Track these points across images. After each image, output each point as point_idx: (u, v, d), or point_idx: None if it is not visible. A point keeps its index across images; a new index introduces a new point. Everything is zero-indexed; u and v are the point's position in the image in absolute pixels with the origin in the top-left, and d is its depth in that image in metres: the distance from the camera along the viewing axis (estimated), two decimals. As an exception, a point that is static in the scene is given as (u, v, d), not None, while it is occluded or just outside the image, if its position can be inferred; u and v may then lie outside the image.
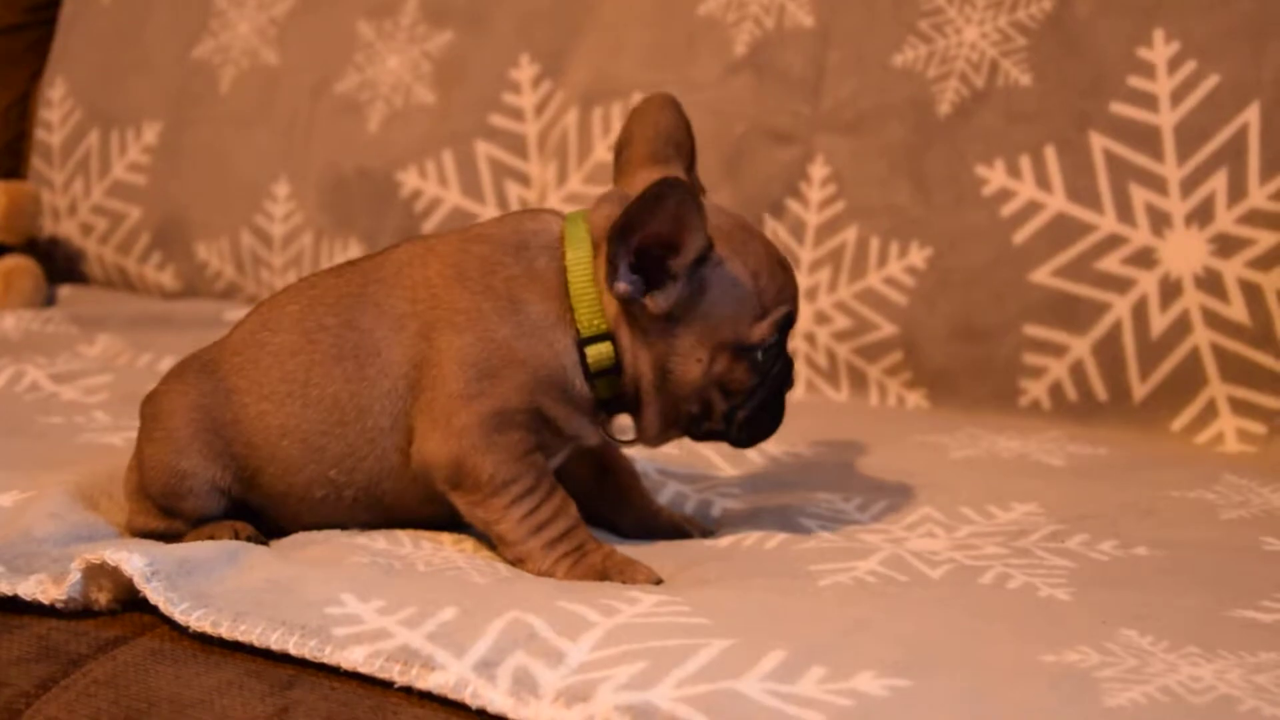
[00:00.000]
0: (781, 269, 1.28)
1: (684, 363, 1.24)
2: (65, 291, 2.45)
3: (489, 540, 1.29)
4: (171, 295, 2.43)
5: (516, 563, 1.25)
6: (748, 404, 1.28)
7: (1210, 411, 1.72)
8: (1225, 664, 1.02)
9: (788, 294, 1.28)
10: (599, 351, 1.25)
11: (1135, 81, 1.78)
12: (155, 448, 1.29)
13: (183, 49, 2.48)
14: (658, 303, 1.23)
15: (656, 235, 1.20)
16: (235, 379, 1.30)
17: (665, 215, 1.19)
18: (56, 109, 2.56)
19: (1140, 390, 1.75)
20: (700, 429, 1.30)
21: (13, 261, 2.38)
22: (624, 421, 1.35)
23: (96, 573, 1.13)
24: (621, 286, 1.22)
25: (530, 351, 1.24)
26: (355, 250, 2.25)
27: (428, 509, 1.29)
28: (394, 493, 1.29)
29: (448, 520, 1.30)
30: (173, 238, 2.42)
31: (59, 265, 2.52)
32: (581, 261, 1.26)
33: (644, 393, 1.27)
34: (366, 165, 2.27)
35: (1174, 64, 1.77)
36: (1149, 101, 1.77)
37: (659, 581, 1.22)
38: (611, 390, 1.28)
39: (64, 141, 2.54)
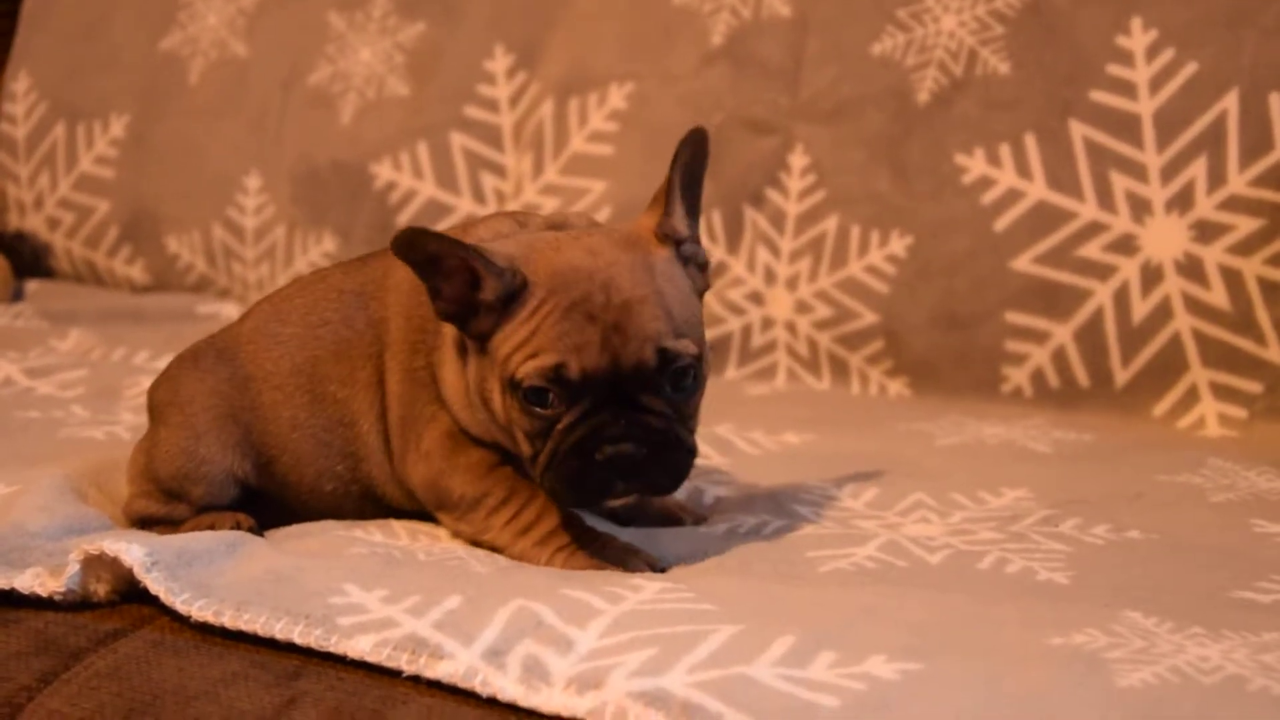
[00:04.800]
0: (582, 321, 1.14)
1: (489, 392, 1.20)
2: (33, 286, 2.42)
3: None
4: (141, 289, 2.41)
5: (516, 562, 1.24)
6: (542, 452, 1.17)
7: (1192, 396, 1.73)
8: (1231, 644, 1.02)
9: (566, 345, 1.14)
10: None
11: (1114, 69, 1.79)
12: (172, 432, 1.29)
13: (150, 41, 2.45)
14: (467, 330, 1.19)
15: (457, 269, 1.16)
16: (250, 367, 1.30)
17: (419, 258, 1.15)
18: (20, 102, 2.53)
19: (1122, 376, 1.76)
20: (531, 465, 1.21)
21: (-21, 257, 2.36)
22: None
23: (95, 564, 1.12)
24: (437, 305, 1.18)
25: (443, 379, 1.24)
26: (329, 243, 2.24)
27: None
28: (395, 496, 1.30)
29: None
30: (142, 231, 2.40)
31: (25, 259, 2.49)
32: None
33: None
34: (340, 157, 2.25)
35: (1152, 51, 1.78)
36: (1128, 89, 1.78)
37: (661, 569, 1.22)
38: None
39: (29, 135, 2.51)
